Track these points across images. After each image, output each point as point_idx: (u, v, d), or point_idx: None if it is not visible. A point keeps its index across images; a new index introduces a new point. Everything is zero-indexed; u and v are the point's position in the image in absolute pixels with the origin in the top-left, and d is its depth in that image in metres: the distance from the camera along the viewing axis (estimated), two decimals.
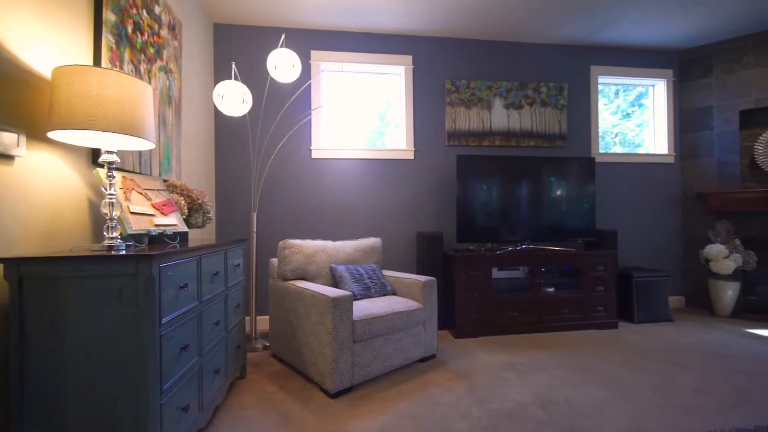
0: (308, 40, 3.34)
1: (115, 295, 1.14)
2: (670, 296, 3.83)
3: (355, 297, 2.42)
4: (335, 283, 2.57)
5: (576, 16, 3.19)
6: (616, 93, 4.14)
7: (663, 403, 1.90)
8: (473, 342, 2.88)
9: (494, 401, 1.93)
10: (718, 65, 3.70)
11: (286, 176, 3.31)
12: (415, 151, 3.50)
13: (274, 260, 2.63)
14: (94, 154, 1.60)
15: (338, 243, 2.79)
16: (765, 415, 1.78)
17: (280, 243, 2.52)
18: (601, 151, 3.91)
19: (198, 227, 2.15)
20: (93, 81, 1.17)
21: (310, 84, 3.31)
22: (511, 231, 3.27)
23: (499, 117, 3.59)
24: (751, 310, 3.56)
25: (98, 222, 1.63)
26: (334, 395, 1.99)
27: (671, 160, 3.89)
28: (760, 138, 3.52)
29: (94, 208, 1.60)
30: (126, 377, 1.14)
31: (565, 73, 3.74)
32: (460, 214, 3.17)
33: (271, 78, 2.96)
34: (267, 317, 3.27)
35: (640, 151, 4.02)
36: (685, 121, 3.88)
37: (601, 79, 3.86)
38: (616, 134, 4.17)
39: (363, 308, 2.20)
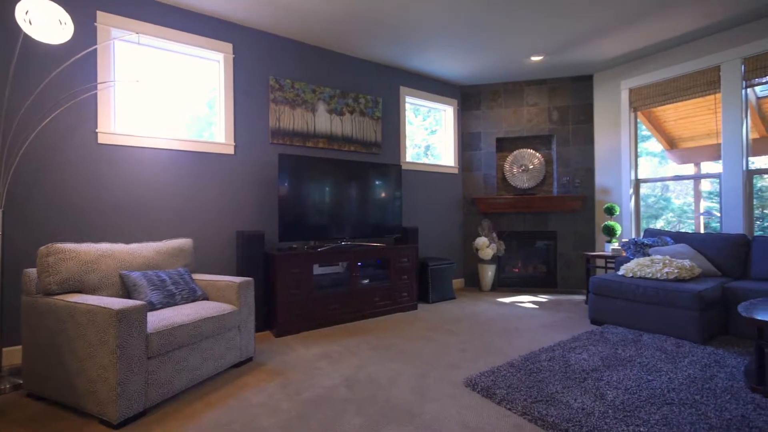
0: None
1: None
2: (454, 279, 4.85)
3: (154, 306, 2.12)
4: (128, 293, 2.18)
5: (387, 40, 3.65)
6: (429, 111, 4.95)
7: (438, 364, 2.40)
8: (294, 339, 2.94)
9: (306, 391, 2.03)
10: (484, 102, 4.90)
11: (56, 164, 2.59)
12: (235, 146, 3.30)
13: (32, 271, 2.03)
14: None
15: (133, 246, 2.37)
16: (500, 359, 2.47)
17: (42, 249, 1.96)
18: (415, 160, 4.60)
19: None
20: None
21: (96, 51, 2.70)
22: (332, 229, 3.48)
23: (323, 120, 3.76)
24: (502, 284, 4.87)
25: None
26: (120, 425, 1.69)
27: (456, 171, 4.92)
28: (507, 159, 4.85)
29: None
30: None
31: (380, 88, 4.23)
32: (282, 213, 3.18)
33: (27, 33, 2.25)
34: (20, 347, 2.48)
35: (441, 162, 4.93)
36: (464, 141, 4.98)
37: (409, 99, 4.54)
38: (427, 146, 5.01)
39: (163, 318, 1.95)
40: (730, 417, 1.70)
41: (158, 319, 1.92)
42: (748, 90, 3.49)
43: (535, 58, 4.08)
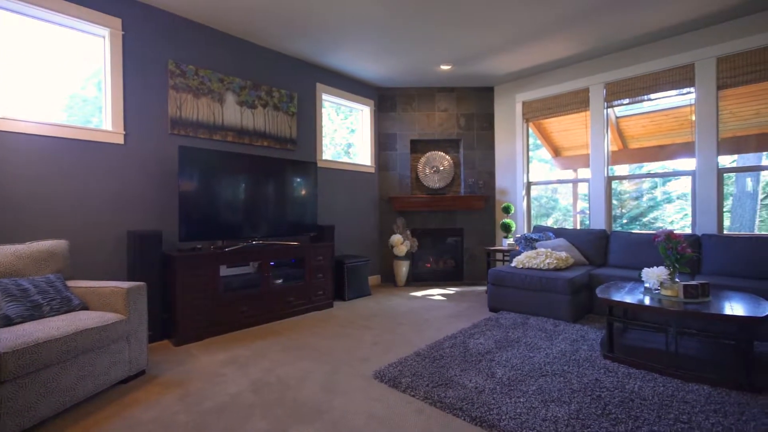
0: None
1: None
2: (370, 276, 4.96)
3: (11, 321, 1.79)
4: None
5: (302, 34, 3.57)
6: (351, 111, 4.95)
7: (350, 359, 2.45)
8: (197, 346, 2.73)
9: (207, 401, 1.91)
10: (399, 104, 5.09)
11: None
12: (125, 135, 2.93)
13: None
14: None
15: None
16: (409, 349, 2.61)
17: None
18: (335, 158, 4.57)
19: None
20: None
21: None
22: (242, 228, 3.30)
23: (232, 113, 3.54)
24: (416, 279, 5.13)
25: None
26: None
27: (373, 170, 5.03)
28: (420, 160, 5.12)
29: None
30: None
31: (296, 83, 4.13)
32: (183, 211, 2.92)
33: None
34: None
35: (358, 161, 4.99)
36: (381, 142, 5.12)
37: (326, 96, 4.51)
38: (349, 145, 5.02)
39: (23, 334, 1.65)
40: (587, 381, 2.04)
41: (16, 336, 1.62)
42: (609, 110, 4.20)
43: (444, 67, 4.37)
